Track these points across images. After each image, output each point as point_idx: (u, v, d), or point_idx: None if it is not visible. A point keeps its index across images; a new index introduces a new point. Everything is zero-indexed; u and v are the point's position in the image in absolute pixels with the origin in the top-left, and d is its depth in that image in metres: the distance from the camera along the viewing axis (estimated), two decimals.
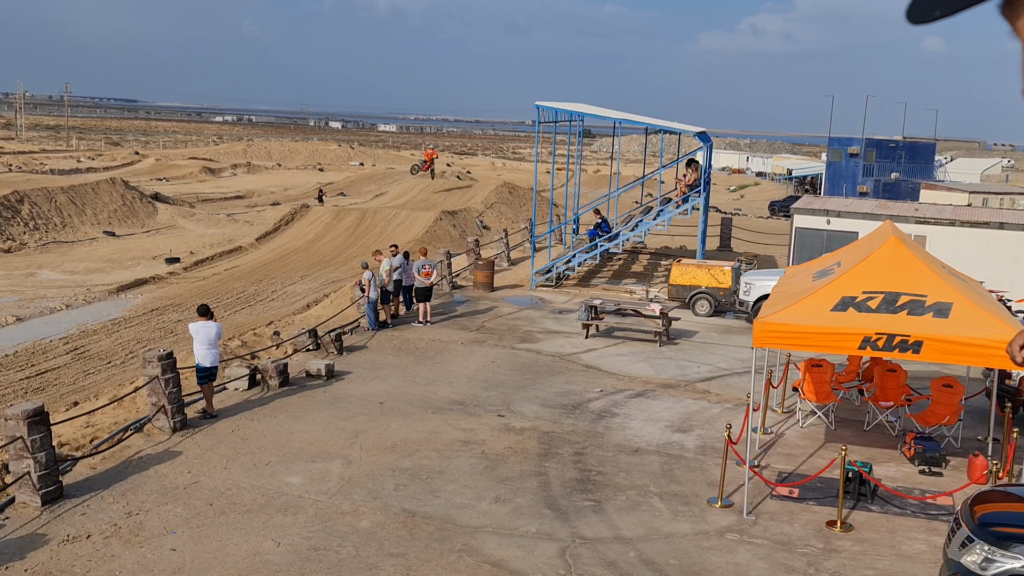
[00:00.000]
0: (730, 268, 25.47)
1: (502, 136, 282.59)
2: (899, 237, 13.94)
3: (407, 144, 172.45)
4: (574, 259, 29.35)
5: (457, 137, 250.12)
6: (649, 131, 38.28)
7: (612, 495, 12.83)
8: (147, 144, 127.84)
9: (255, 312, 29.67)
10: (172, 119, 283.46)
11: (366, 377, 18.18)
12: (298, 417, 15.60)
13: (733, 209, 64.05)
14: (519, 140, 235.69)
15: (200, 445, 14.15)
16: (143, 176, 76.14)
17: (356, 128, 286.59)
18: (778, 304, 13.37)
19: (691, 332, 23.21)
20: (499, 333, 22.29)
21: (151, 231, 48.62)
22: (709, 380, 19.05)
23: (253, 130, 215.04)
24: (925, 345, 11.76)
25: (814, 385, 16.01)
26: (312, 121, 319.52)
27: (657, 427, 15.86)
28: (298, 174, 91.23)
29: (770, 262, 33.34)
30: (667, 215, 30.24)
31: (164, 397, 14.53)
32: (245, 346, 21.63)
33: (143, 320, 28.35)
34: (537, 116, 29.06)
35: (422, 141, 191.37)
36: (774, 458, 14.63)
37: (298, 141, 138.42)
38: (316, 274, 36.67)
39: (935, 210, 27.52)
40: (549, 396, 17.41)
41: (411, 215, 48.48)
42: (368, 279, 21.68)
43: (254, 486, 12.63)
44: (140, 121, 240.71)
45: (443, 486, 12.91)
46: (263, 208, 59.62)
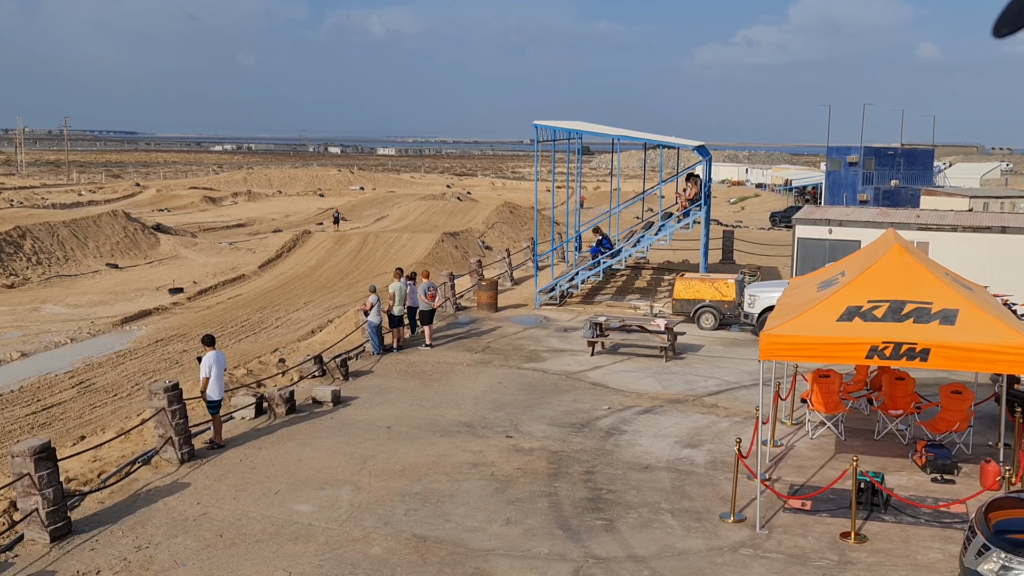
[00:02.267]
0: (733, 281, 25.43)
1: (501, 156, 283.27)
2: (902, 245, 13.91)
3: (407, 167, 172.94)
4: (577, 277, 29.34)
5: (456, 158, 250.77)
6: (648, 146, 38.33)
7: (623, 513, 12.76)
8: (148, 175, 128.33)
9: (260, 340, 29.66)
10: (172, 150, 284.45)
11: (373, 402, 18.14)
12: (306, 444, 15.55)
13: (734, 221, 64.07)
14: (518, 159, 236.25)
15: (208, 476, 14.10)
16: (144, 207, 76.40)
17: (355, 153, 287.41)
18: (783, 316, 13.33)
19: (697, 346, 23.16)
20: (504, 353, 22.25)
21: (154, 262, 48.71)
22: (717, 394, 18.98)
23: (253, 158, 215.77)
24: (932, 352, 11.71)
25: (822, 396, 15.94)
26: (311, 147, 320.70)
27: (666, 443, 15.79)
28: (299, 200, 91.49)
29: (773, 273, 33.30)
30: (669, 230, 30.23)
31: (171, 429, 14.50)
32: (251, 374, 21.60)
33: (148, 351, 28.35)
34: (536, 135, 29.11)
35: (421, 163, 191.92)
36: (785, 471, 14.56)
37: (298, 167, 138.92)
38: (320, 300, 36.69)
39: (936, 216, 27.49)
40: (557, 415, 17.35)
41: (413, 238, 48.56)
42: (373, 302, 21.68)
43: (264, 515, 12.57)
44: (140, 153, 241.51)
45: (453, 509, 12.84)
46: (265, 235, 59.75)
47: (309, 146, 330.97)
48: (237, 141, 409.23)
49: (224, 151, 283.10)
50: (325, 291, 38.76)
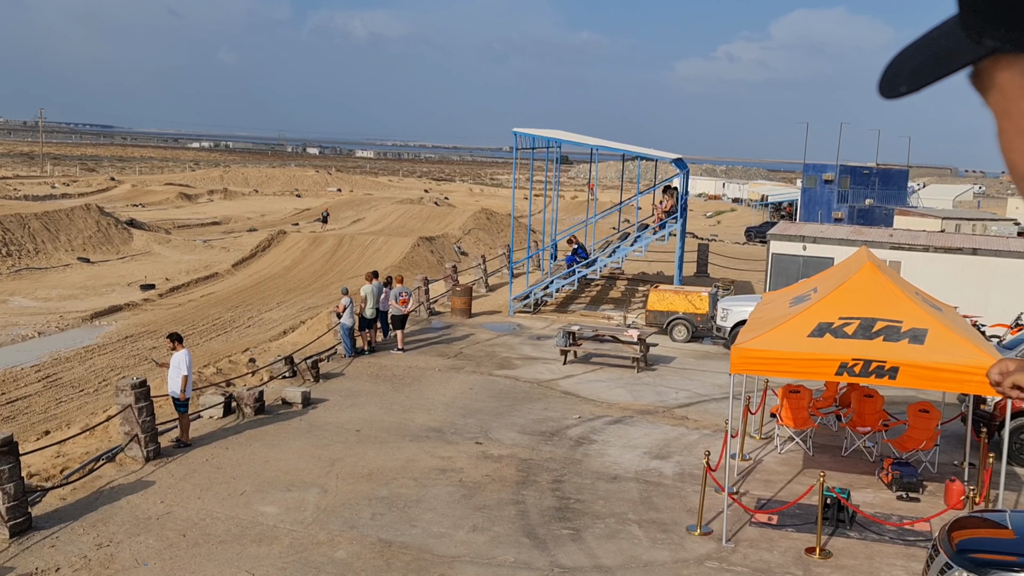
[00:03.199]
0: (707, 294, 25.53)
1: (480, 162, 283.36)
2: (874, 263, 14.01)
3: (385, 170, 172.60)
4: (552, 285, 29.35)
5: (435, 163, 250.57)
6: (626, 157, 38.47)
7: (591, 523, 12.74)
8: (123, 170, 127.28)
9: (231, 339, 29.44)
10: (149, 145, 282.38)
11: (343, 405, 18.04)
12: (273, 445, 15.44)
13: (710, 235, 64.33)
14: (497, 166, 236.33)
15: (173, 474, 13.96)
16: (118, 202, 75.73)
17: (334, 154, 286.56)
18: (755, 330, 13.38)
19: (669, 358, 23.22)
20: (477, 359, 22.21)
21: (126, 257, 48.28)
22: (687, 406, 19.03)
23: (230, 156, 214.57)
24: (901, 371, 11.79)
25: (792, 411, 16.02)
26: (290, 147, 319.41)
27: (635, 454, 15.80)
28: (275, 200, 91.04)
29: (747, 288, 33.46)
30: (644, 241, 30.31)
31: (137, 426, 14.34)
32: (220, 373, 21.43)
33: (117, 347, 28.06)
34: (515, 143, 29.12)
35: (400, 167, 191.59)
36: (753, 484, 14.60)
37: (275, 167, 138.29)
38: (293, 300, 36.48)
39: (909, 236, 27.73)
40: (527, 423, 17.32)
41: (388, 241, 48.42)
42: (346, 305, 21.59)
43: (228, 516, 12.46)
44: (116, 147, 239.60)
45: (420, 515, 12.78)
46: (240, 234, 59.38)
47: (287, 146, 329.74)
48: (215, 139, 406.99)
49: (202, 148, 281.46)
50: (299, 292, 38.55)
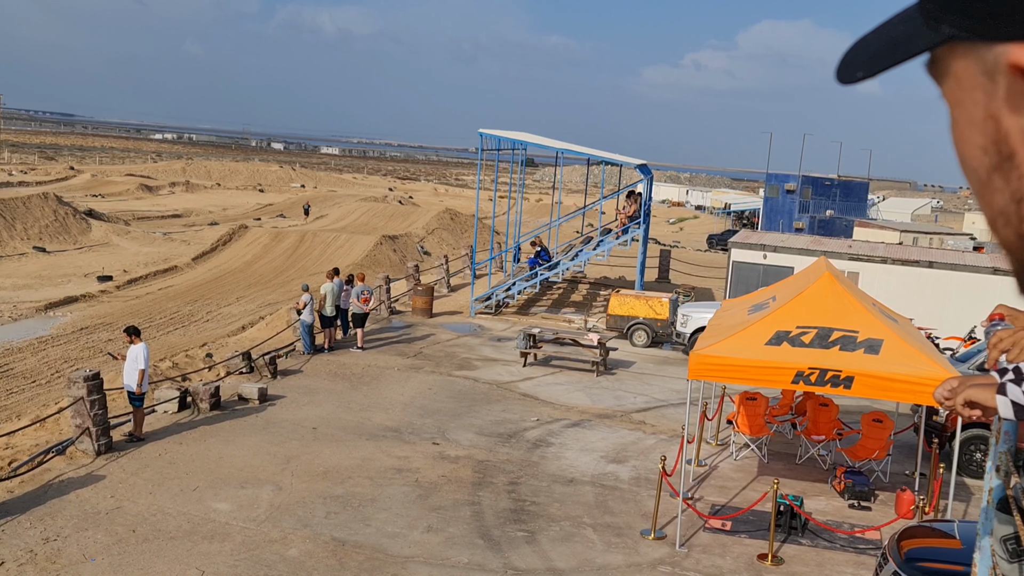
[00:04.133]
0: (668, 300, 25.67)
1: (445, 162, 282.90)
2: (833, 273, 14.15)
3: (350, 167, 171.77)
4: (514, 287, 29.35)
5: (400, 162, 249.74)
6: (591, 162, 38.58)
7: (545, 526, 12.75)
8: (83, 160, 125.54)
9: (188, 333, 29.13)
10: (110, 135, 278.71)
11: (300, 402, 17.91)
12: (228, 441, 15.29)
13: (672, 241, 64.71)
14: (462, 167, 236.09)
15: (125, 469, 13.78)
16: (78, 192, 74.67)
17: (298, 150, 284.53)
18: (713, 337, 13.47)
19: (628, 362, 23.30)
20: (436, 360, 22.15)
21: (84, 248, 47.60)
22: (645, 411, 19.11)
23: (193, 149, 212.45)
24: (856, 380, 11.92)
25: (748, 418, 16.14)
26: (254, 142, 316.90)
27: (592, 457, 15.84)
28: (238, 194, 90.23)
29: (707, 295, 33.68)
30: (607, 245, 30.42)
31: (89, 419, 14.13)
32: (176, 368, 21.19)
33: (72, 339, 27.65)
34: (480, 144, 29.11)
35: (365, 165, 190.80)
36: (708, 490, 14.69)
37: (239, 161, 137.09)
38: (253, 296, 36.17)
39: (868, 247, 28.07)
40: (485, 424, 17.30)
41: (351, 238, 48.17)
42: (306, 301, 21.44)
43: (180, 512, 12.31)
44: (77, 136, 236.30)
45: (375, 514, 12.72)
46: (201, 228, 58.78)
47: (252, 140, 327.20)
48: (178, 131, 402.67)
49: (164, 140, 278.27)
50: (259, 287, 38.24)
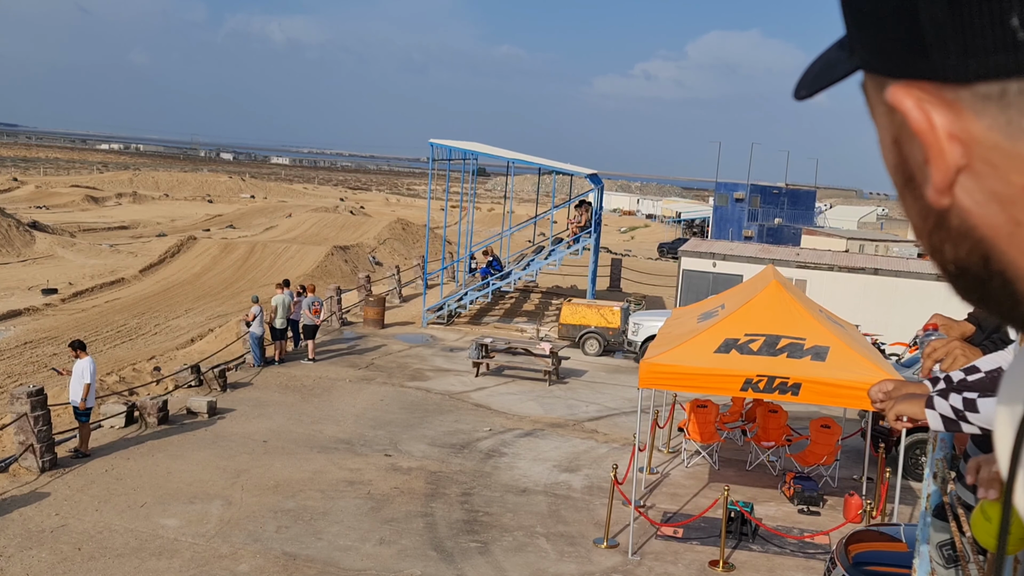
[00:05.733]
0: (619, 308, 25.81)
1: (397, 172, 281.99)
2: (780, 281, 14.34)
3: (300, 178, 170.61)
4: (466, 297, 29.33)
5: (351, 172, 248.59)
6: (542, 171, 38.70)
7: (499, 536, 12.74)
8: (27, 171, 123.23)
9: (136, 346, 28.69)
10: (55, 145, 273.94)
11: (250, 415, 17.72)
12: (177, 456, 15.08)
13: (623, 250, 65.10)
14: (414, 176, 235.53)
15: (70, 486, 13.53)
16: (21, 203, 73.28)
17: (248, 160, 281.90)
18: (664, 345, 13.58)
19: (580, 371, 23.38)
20: (388, 371, 22.05)
21: (27, 260, 46.70)
22: (597, 420, 19.18)
23: (141, 159, 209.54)
24: (803, 387, 12.08)
25: (699, 425, 16.27)
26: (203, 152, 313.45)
27: (545, 467, 15.86)
28: (186, 205, 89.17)
29: (658, 303, 33.92)
30: (558, 255, 30.53)
31: (33, 435, 13.86)
32: (123, 382, 20.85)
33: (16, 353, 27.09)
34: (431, 154, 29.08)
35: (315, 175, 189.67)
36: (660, 498, 14.78)
37: (187, 172, 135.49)
38: (202, 308, 35.74)
39: (815, 255, 28.48)
40: (437, 435, 17.26)
41: (302, 249, 47.80)
42: (256, 313, 21.24)
43: (127, 528, 12.12)
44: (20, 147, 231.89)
45: (327, 528, 12.62)
46: (148, 239, 57.97)
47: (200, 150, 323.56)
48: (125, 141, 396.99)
49: (111, 150, 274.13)
50: (208, 299, 37.78)
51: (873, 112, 0.75)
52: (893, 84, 0.68)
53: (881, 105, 0.72)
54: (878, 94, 0.72)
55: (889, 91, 0.69)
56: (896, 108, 0.68)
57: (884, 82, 0.70)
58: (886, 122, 0.72)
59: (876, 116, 0.74)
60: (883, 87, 0.70)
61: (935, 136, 0.66)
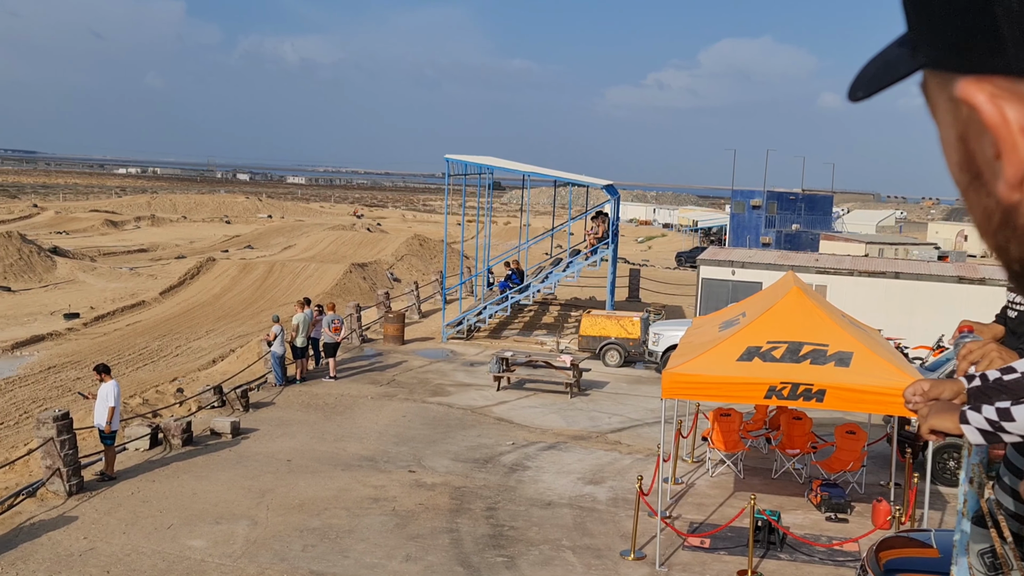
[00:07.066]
0: (639, 319, 25.75)
1: (412, 188, 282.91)
2: (801, 287, 14.28)
3: (316, 196, 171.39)
4: (485, 311, 29.34)
5: (367, 189, 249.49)
6: (558, 184, 38.74)
7: (525, 550, 12.70)
8: (47, 197, 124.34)
9: (158, 368, 28.83)
10: (73, 171, 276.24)
11: (273, 434, 17.76)
12: (202, 477, 15.12)
13: (641, 260, 65.02)
14: (429, 192, 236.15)
15: (98, 509, 13.59)
16: (42, 229, 73.91)
17: (264, 180, 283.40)
18: (685, 355, 13.53)
19: (602, 383, 23.33)
20: (410, 387, 22.06)
21: (49, 286, 47.05)
22: (620, 431, 19.12)
23: (158, 182, 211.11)
24: (828, 393, 12.00)
25: (723, 434, 16.19)
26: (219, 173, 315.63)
27: (569, 479, 15.81)
28: (204, 227, 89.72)
29: (678, 312, 33.83)
30: (576, 267, 30.50)
31: (59, 459, 13.94)
32: (147, 404, 20.96)
33: (40, 378, 27.28)
34: (447, 169, 29.17)
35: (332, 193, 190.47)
36: (685, 508, 14.70)
37: (204, 193, 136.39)
38: (222, 328, 35.90)
39: (835, 260, 28.34)
40: (461, 450, 17.24)
41: (320, 268, 47.98)
42: (276, 332, 21.32)
43: (154, 551, 12.15)
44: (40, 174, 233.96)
45: (353, 545, 12.61)
46: (168, 261, 58.34)
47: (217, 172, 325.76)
48: (142, 164, 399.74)
49: (128, 174, 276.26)
50: (228, 320, 37.95)
51: (935, 110, 0.75)
52: (963, 80, 0.68)
53: (946, 102, 0.72)
54: (943, 91, 0.72)
55: (960, 86, 0.69)
56: (967, 103, 0.68)
57: (950, 79, 0.70)
58: (951, 119, 0.73)
59: (938, 114, 0.74)
60: (948, 84, 0.70)
61: (1009, 130, 0.66)
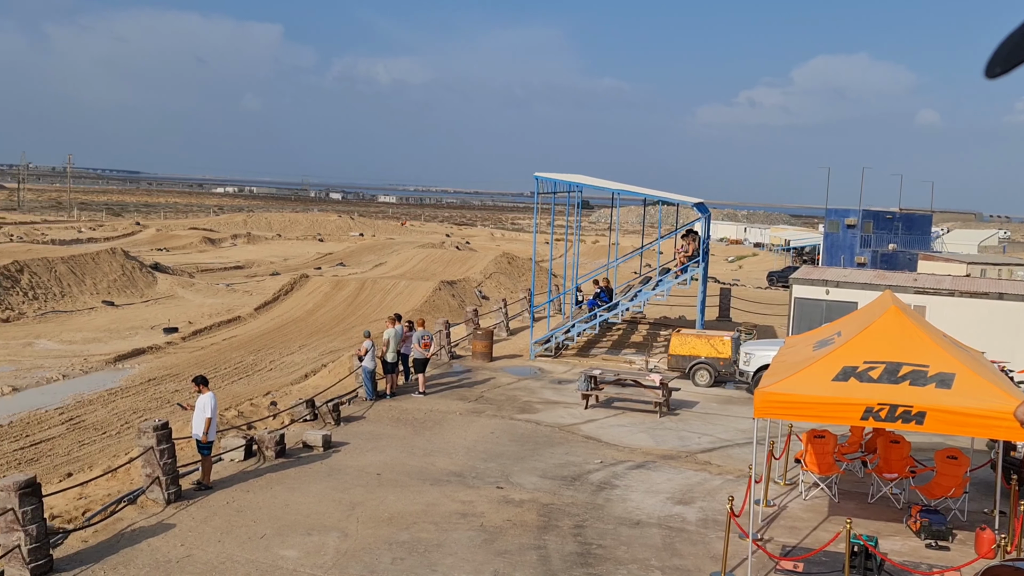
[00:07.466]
0: (730, 338, 25.39)
1: (501, 207, 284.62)
2: (899, 307, 13.90)
3: (407, 215, 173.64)
4: (573, 329, 29.28)
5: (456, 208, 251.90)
6: (647, 202, 38.53)
7: (613, 569, 12.58)
8: (148, 215, 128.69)
9: (253, 382, 29.50)
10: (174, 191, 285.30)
11: (363, 448, 17.98)
12: (294, 488, 15.38)
13: (731, 279, 64.20)
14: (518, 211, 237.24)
15: (194, 517, 13.93)
16: (143, 246, 76.49)
17: (356, 199, 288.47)
18: (779, 374, 13.27)
19: (691, 402, 23.04)
20: (498, 403, 22.12)
21: (150, 301, 48.61)
22: (710, 451, 18.84)
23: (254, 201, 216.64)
24: (928, 416, 11.63)
25: (816, 456, 15.82)
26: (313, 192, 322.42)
27: (658, 499, 15.63)
28: (298, 244, 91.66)
29: (769, 332, 33.27)
30: (666, 285, 30.25)
31: (159, 468, 14.34)
32: (242, 416, 21.45)
33: (140, 390, 28.17)
34: (536, 187, 29.26)
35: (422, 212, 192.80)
36: (777, 531, 14.39)
37: (298, 212, 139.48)
38: (315, 344, 36.57)
39: (934, 280, 27.53)
40: (548, 467, 17.19)
41: (410, 285, 48.56)
42: (367, 348, 21.62)
43: (248, 560, 12.39)
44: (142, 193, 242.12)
45: (441, 560, 12.67)
46: (263, 278, 59.74)
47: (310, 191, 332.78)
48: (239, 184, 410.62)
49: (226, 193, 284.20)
50: (320, 335, 38.65)
51: None
52: None
53: None
54: None
55: None
56: None
57: None
58: None
59: None
60: None
61: None
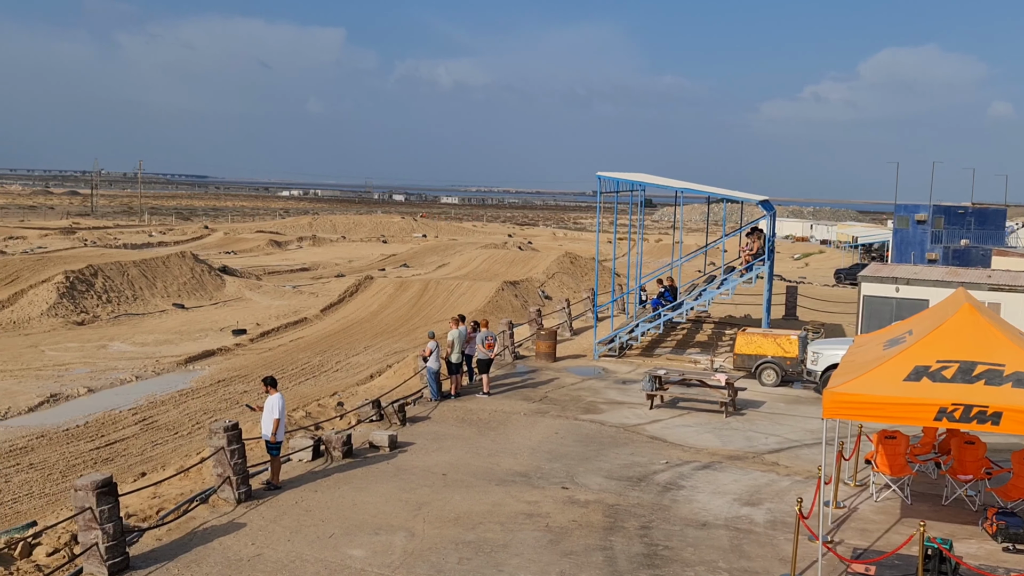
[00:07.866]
0: (796, 337, 25.04)
1: (563, 206, 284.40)
2: (973, 304, 13.58)
3: (469, 216, 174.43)
4: (637, 329, 29.14)
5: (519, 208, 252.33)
6: (711, 200, 38.18)
7: (680, 571, 12.50)
8: (216, 219, 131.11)
9: (319, 383, 29.88)
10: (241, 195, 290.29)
11: (429, 448, 18.11)
12: (361, 488, 15.55)
13: (798, 277, 63.32)
14: (580, 210, 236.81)
15: (264, 516, 14.15)
16: (211, 249, 77.95)
17: (419, 200, 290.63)
18: (848, 374, 13.05)
19: (758, 402, 22.78)
20: (562, 404, 22.11)
21: (219, 303, 49.52)
22: (778, 452, 18.61)
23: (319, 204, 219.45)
24: (1005, 416, 11.33)
25: (888, 457, 15.53)
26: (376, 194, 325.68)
27: (725, 500, 15.49)
28: (362, 246, 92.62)
29: (837, 331, 32.74)
30: (731, 284, 29.94)
31: (229, 468, 14.61)
32: (309, 417, 21.74)
33: (210, 391, 28.71)
34: (599, 186, 29.19)
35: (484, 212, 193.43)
36: (848, 533, 14.16)
37: (362, 214, 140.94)
38: (379, 344, 36.92)
39: (1010, 276, 26.82)
40: (614, 468, 17.14)
41: (473, 285, 48.76)
42: (432, 349, 21.76)
43: (317, 558, 12.56)
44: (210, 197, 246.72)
45: (507, 560, 12.70)
46: (328, 280, 60.46)
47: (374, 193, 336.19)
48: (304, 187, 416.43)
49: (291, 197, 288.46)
50: (385, 336, 39.00)
51: None
52: None
53: None
54: None
55: None
56: None
57: None
58: None
59: None
60: None
61: None
